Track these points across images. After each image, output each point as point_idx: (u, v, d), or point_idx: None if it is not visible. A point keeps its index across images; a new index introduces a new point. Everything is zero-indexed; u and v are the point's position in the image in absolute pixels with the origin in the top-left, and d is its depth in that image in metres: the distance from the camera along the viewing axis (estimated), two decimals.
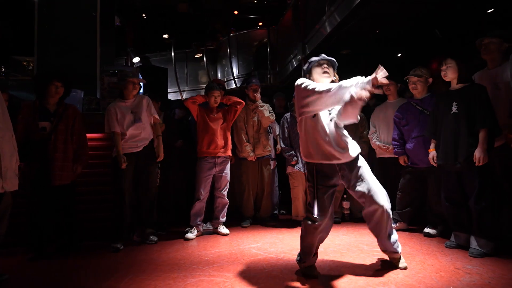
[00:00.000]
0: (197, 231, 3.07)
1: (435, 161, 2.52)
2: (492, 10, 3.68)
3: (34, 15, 3.88)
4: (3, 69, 5.12)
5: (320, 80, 1.99)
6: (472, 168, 2.25)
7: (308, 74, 2.06)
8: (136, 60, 7.66)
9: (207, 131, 3.13)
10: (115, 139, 2.76)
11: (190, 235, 3.00)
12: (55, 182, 2.52)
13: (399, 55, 5.30)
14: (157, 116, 3.00)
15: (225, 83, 7.73)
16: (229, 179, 3.24)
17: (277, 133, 3.77)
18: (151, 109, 2.95)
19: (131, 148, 2.81)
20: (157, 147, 2.96)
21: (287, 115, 3.52)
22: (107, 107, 2.86)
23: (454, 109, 2.37)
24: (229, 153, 3.23)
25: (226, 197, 3.21)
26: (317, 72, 2.01)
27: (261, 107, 3.49)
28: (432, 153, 2.55)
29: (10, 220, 2.23)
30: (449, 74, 2.43)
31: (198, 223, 3.10)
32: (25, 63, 5.39)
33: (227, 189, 3.23)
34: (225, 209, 3.22)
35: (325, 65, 2.00)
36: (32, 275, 2.22)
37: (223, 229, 3.15)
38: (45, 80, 2.58)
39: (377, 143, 3.31)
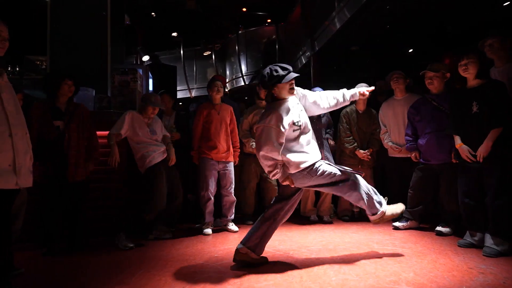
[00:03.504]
0: (211, 227, 3.14)
1: (471, 153, 2.32)
2: (508, 3, 3.57)
3: (46, 15, 3.95)
4: (17, 69, 5.22)
5: None
6: (493, 166, 2.21)
7: None
8: (145, 58, 7.72)
9: (209, 137, 3.12)
10: (111, 137, 2.74)
11: (208, 230, 3.07)
12: (70, 179, 2.58)
13: (411, 50, 5.21)
14: (168, 134, 3.14)
15: (233, 81, 7.75)
16: (233, 177, 3.23)
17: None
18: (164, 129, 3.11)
19: (159, 156, 2.87)
20: (169, 150, 3.00)
21: None
22: (127, 112, 2.87)
23: (475, 109, 2.32)
24: (231, 158, 3.21)
25: (233, 195, 3.22)
26: None
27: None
28: (464, 147, 2.36)
29: (24, 216, 2.29)
30: (470, 69, 2.35)
31: (212, 219, 3.15)
32: (38, 62, 5.48)
33: (233, 186, 3.23)
34: (233, 207, 3.23)
35: None
36: (45, 269, 2.27)
37: (232, 226, 3.17)
38: (57, 79, 2.62)
39: (390, 143, 3.26)
